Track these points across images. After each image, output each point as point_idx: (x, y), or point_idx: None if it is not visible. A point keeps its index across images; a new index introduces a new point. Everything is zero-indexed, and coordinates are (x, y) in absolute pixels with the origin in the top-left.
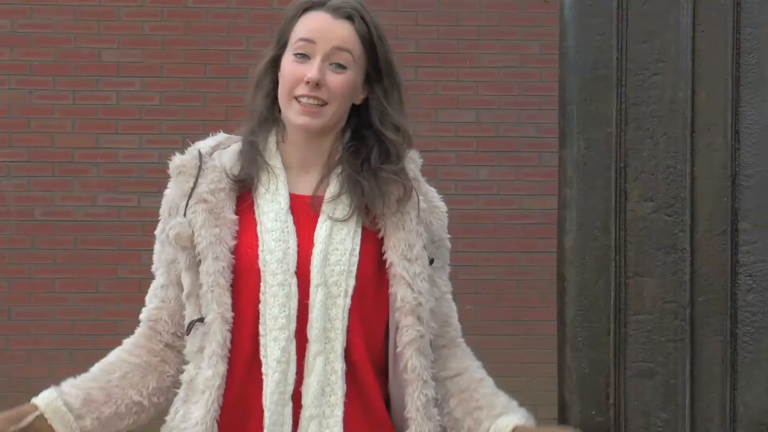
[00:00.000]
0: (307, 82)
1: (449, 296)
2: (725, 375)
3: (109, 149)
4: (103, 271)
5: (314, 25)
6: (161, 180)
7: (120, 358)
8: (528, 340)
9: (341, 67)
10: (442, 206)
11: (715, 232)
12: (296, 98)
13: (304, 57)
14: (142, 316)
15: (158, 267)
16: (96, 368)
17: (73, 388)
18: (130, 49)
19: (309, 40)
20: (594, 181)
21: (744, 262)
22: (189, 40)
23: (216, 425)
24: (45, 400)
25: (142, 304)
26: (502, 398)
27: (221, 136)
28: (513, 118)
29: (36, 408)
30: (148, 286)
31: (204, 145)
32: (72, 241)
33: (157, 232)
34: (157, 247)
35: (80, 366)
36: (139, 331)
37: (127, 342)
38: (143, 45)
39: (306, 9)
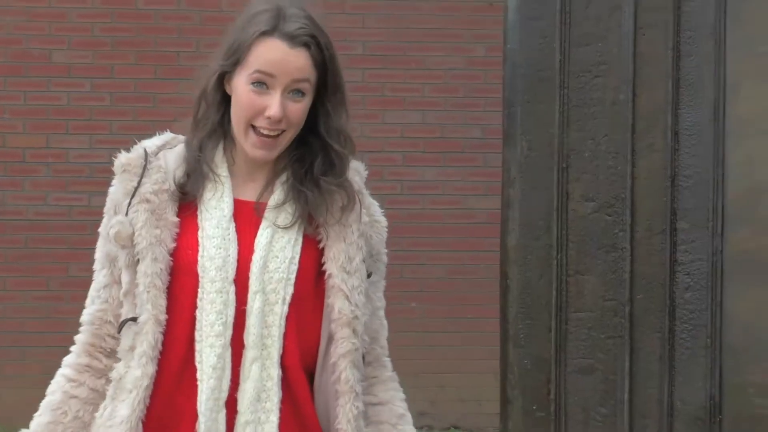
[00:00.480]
0: (269, 118)
1: (382, 312)
2: (663, 371)
3: (60, 149)
4: (54, 269)
5: (273, 57)
6: (112, 180)
7: (66, 394)
8: (472, 337)
9: (300, 93)
10: (383, 221)
11: (655, 232)
12: (253, 127)
13: (262, 86)
14: (83, 319)
15: (101, 266)
16: (45, 414)
17: None
18: (80, 50)
19: (268, 74)
20: (536, 181)
21: (682, 261)
22: (139, 41)
23: (141, 425)
24: None
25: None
26: None
27: (168, 135)
28: (458, 119)
29: None
30: None
31: (150, 144)
32: (23, 240)
33: (100, 229)
34: (99, 243)
35: (30, 363)
36: (80, 340)
37: (69, 364)
38: (94, 46)
39: (264, 33)
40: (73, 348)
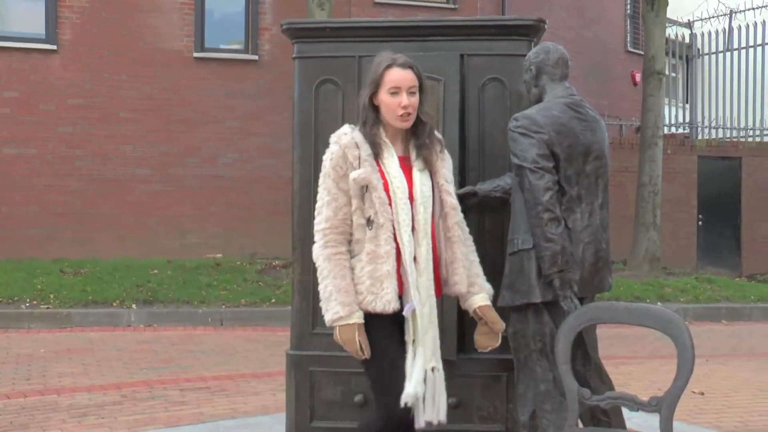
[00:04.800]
0: (403, 107)
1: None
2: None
3: (156, 158)
4: (169, 204)
5: (397, 77)
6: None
7: (344, 267)
8: None
9: (413, 93)
10: (450, 157)
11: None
12: (398, 115)
13: (395, 93)
14: (330, 225)
15: (336, 197)
16: (339, 278)
17: (356, 305)
18: (151, 139)
19: (397, 86)
20: (304, 165)
21: None
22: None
23: (396, 273)
24: (361, 318)
25: None
26: (477, 279)
27: (349, 126)
28: (285, 143)
29: (360, 325)
30: None
31: (347, 128)
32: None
33: (332, 177)
34: (330, 185)
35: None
36: (334, 239)
37: (336, 252)
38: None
39: (387, 66)
40: (329, 243)
